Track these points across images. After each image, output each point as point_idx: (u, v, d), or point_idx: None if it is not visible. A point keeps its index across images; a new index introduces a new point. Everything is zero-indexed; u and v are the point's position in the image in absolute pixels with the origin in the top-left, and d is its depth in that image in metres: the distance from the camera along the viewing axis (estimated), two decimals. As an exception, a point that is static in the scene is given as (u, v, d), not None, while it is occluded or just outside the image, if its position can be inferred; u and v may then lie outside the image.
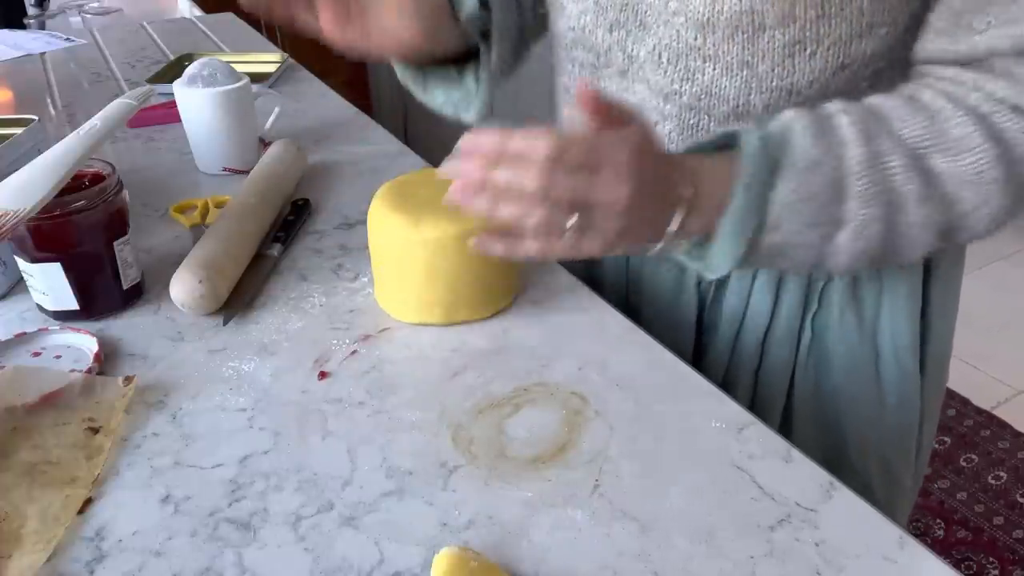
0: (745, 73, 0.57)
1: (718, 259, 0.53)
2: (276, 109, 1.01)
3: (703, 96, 0.59)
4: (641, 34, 0.60)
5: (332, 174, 0.90)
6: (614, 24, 0.61)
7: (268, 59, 1.30)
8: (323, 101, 1.15)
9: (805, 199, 0.51)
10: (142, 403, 0.55)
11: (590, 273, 0.76)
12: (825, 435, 0.72)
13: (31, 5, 1.74)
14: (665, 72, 0.59)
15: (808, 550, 0.43)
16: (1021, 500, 1.63)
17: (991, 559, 1.51)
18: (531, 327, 0.62)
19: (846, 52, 0.55)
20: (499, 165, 0.46)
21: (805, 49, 0.55)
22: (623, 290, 0.74)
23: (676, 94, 0.60)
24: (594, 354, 0.59)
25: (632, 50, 0.61)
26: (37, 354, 0.60)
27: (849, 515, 0.46)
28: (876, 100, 0.54)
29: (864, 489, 0.71)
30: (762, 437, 0.51)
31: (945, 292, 0.71)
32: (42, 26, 1.73)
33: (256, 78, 1.15)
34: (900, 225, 0.53)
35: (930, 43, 0.54)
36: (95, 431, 0.52)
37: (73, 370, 0.58)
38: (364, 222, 0.78)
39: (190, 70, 0.87)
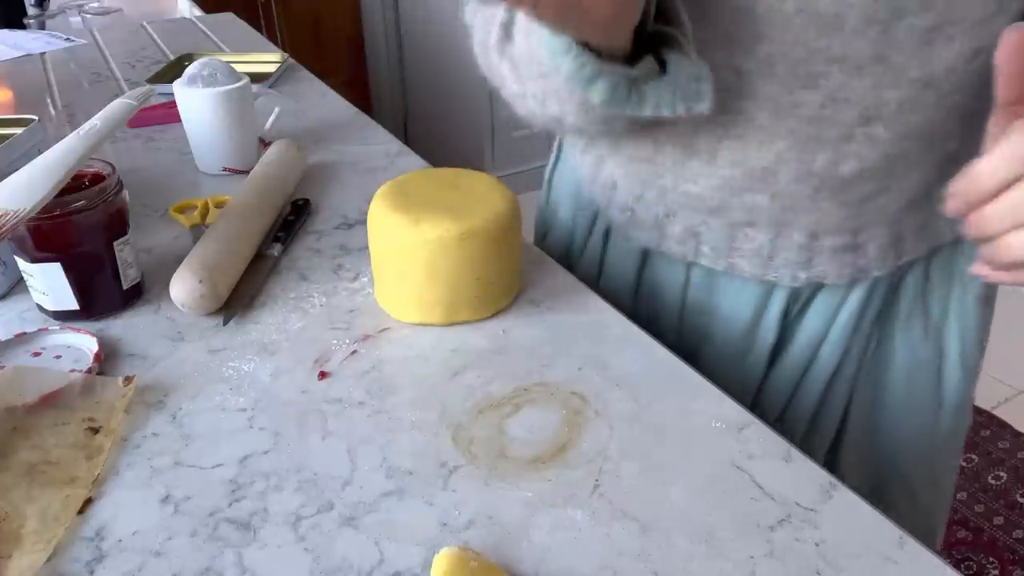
0: (878, 69, 0.50)
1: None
2: (276, 109, 1.01)
3: (826, 104, 0.52)
4: (752, 43, 0.51)
5: (332, 174, 0.90)
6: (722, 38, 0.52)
7: (268, 59, 1.30)
8: (323, 101, 1.15)
9: None
10: (142, 403, 0.55)
11: (647, 296, 0.71)
12: (877, 440, 0.70)
13: (31, 5, 1.74)
14: (782, 83, 0.52)
15: (808, 550, 0.43)
16: (1021, 500, 1.63)
17: (991, 559, 1.51)
18: (531, 327, 0.62)
19: (981, 34, 0.49)
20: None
21: (943, 33, 0.49)
22: (679, 312, 0.70)
23: (793, 107, 0.53)
24: (594, 354, 0.59)
25: (738, 62, 0.53)
26: (37, 354, 0.60)
27: (849, 515, 0.46)
28: None
29: (909, 495, 0.70)
30: (762, 437, 0.51)
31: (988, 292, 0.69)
32: (42, 26, 1.72)
33: (256, 78, 1.15)
34: None
35: None
36: (95, 431, 0.52)
37: (73, 370, 0.58)
38: (364, 222, 0.78)
39: (190, 70, 0.87)
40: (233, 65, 0.89)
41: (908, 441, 0.70)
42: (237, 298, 0.65)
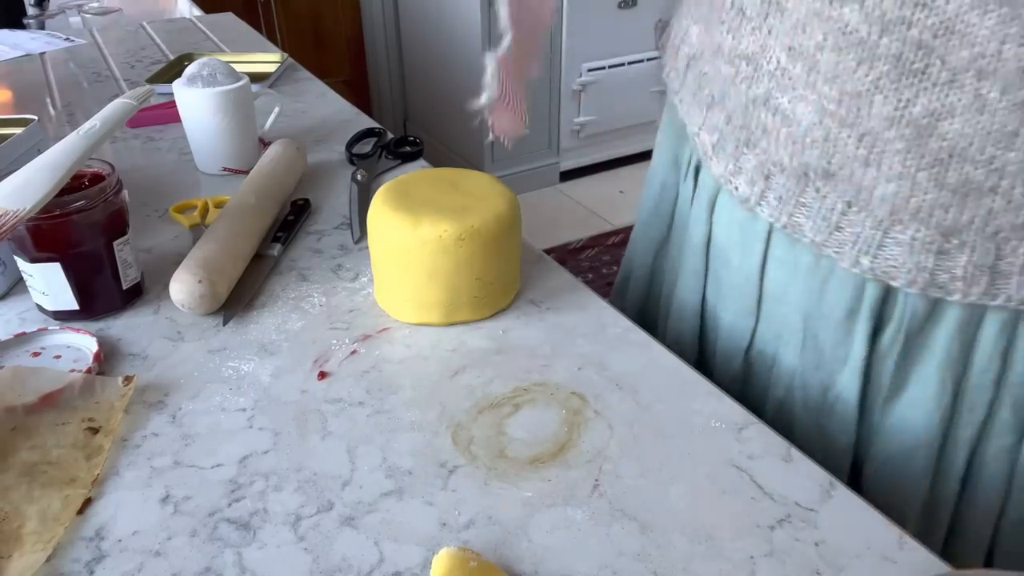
0: (1005, 10, 0.42)
1: None
2: (276, 109, 1.01)
3: (941, 30, 0.44)
4: None
5: (332, 174, 0.90)
6: None
7: (268, 59, 1.30)
8: (323, 101, 1.15)
9: None
10: (142, 403, 0.55)
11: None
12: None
13: (31, 5, 1.73)
14: None
15: (808, 550, 0.43)
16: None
17: (991, 559, 1.50)
18: (531, 327, 0.62)
19: None
20: None
21: None
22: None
23: (903, 23, 0.45)
24: (594, 354, 0.59)
25: None
26: (37, 354, 0.60)
27: (849, 515, 0.46)
28: None
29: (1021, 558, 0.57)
30: (762, 437, 0.51)
31: None
32: (42, 26, 1.72)
33: (256, 78, 1.15)
34: None
35: None
36: (95, 431, 0.52)
37: (73, 370, 0.58)
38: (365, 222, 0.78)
39: (190, 70, 0.87)
40: (233, 65, 0.89)
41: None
42: (237, 298, 0.65)
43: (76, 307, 0.63)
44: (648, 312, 0.77)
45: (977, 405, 0.54)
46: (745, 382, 0.66)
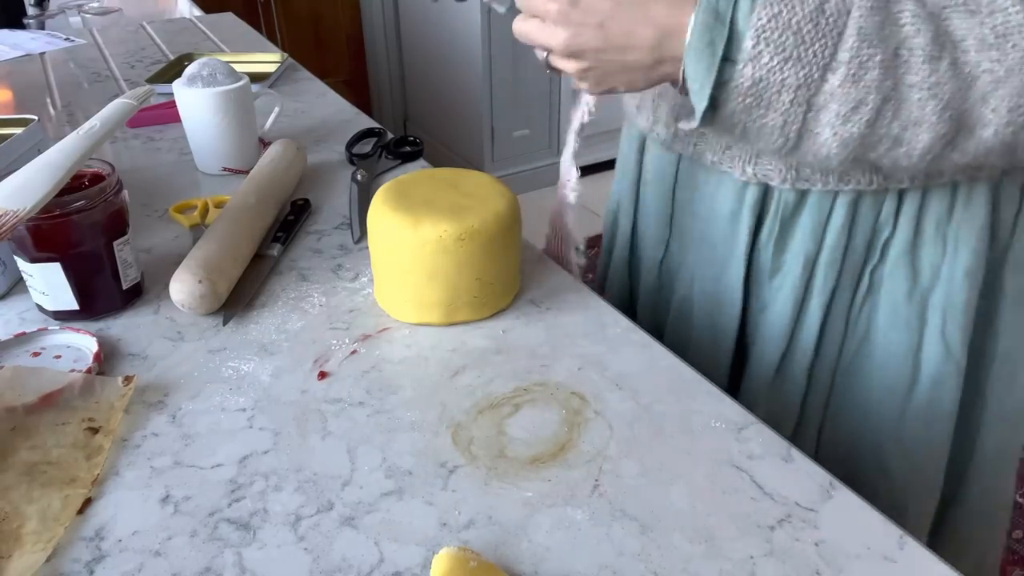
0: None
1: (693, 89, 0.50)
2: (276, 109, 1.01)
3: None
4: None
5: (332, 174, 0.90)
6: None
7: (268, 59, 1.30)
8: (323, 101, 1.15)
9: (784, 28, 0.47)
10: (142, 403, 0.55)
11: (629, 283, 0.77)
12: (852, 399, 0.70)
13: (31, 5, 1.73)
14: None
15: (808, 550, 0.43)
16: (1021, 500, 1.63)
17: (991, 559, 1.51)
18: (531, 327, 0.62)
19: None
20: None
21: None
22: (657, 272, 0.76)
23: None
24: (594, 354, 0.59)
25: None
26: (37, 354, 0.60)
27: (849, 515, 0.46)
28: None
29: (879, 465, 0.70)
30: (762, 437, 0.51)
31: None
32: (42, 26, 1.72)
33: (256, 78, 1.15)
34: (903, 84, 0.47)
35: None
36: (95, 431, 0.52)
37: (73, 370, 0.58)
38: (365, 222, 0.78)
39: (190, 70, 0.87)
40: (233, 65, 0.89)
41: (879, 405, 0.69)
42: (237, 298, 0.65)
43: (76, 307, 0.63)
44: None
45: (826, 282, 0.66)
46: (658, 291, 0.79)
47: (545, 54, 0.56)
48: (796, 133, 0.50)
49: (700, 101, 0.50)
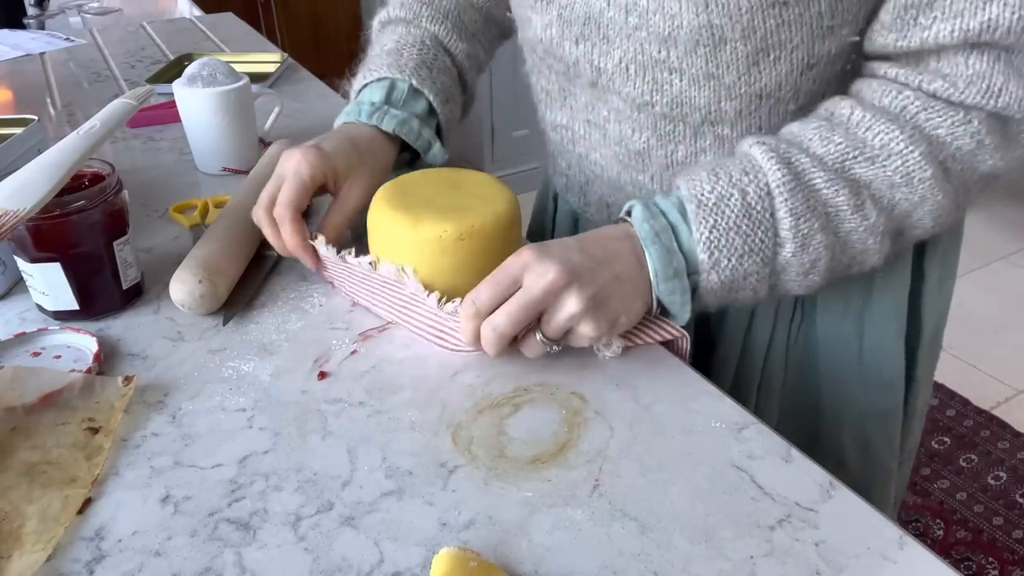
0: (712, 83, 0.57)
1: (674, 308, 0.56)
2: (276, 109, 1.01)
3: (675, 106, 0.60)
4: (606, 47, 0.60)
5: (332, 174, 0.90)
6: (579, 37, 0.61)
7: (268, 59, 1.30)
8: (323, 101, 1.15)
9: (725, 231, 0.53)
10: (142, 403, 0.55)
11: None
12: (798, 410, 0.74)
13: (31, 5, 1.74)
14: (635, 84, 0.60)
15: (808, 550, 0.43)
16: (1021, 500, 1.63)
17: (991, 559, 1.51)
18: (531, 327, 0.62)
19: (810, 54, 0.56)
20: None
21: (768, 56, 0.55)
22: None
23: (648, 105, 0.61)
24: (594, 354, 0.59)
25: (599, 63, 0.61)
26: (37, 354, 0.60)
27: (849, 515, 0.46)
28: (793, 127, 0.56)
29: (837, 460, 0.75)
30: (762, 437, 0.51)
31: (942, 268, 0.72)
32: (42, 26, 1.73)
33: (256, 78, 1.15)
34: (843, 233, 0.55)
35: (879, 37, 0.55)
36: (95, 431, 0.52)
37: (73, 370, 0.58)
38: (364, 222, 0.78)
39: (190, 70, 0.87)
40: (233, 65, 0.89)
41: (834, 411, 0.73)
42: (237, 298, 0.65)
43: (76, 307, 0.63)
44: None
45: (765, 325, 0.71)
46: None
47: (549, 348, 0.55)
48: (767, 295, 0.57)
49: (683, 315, 0.56)
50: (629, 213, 0.57)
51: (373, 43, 0.80)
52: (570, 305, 0.52)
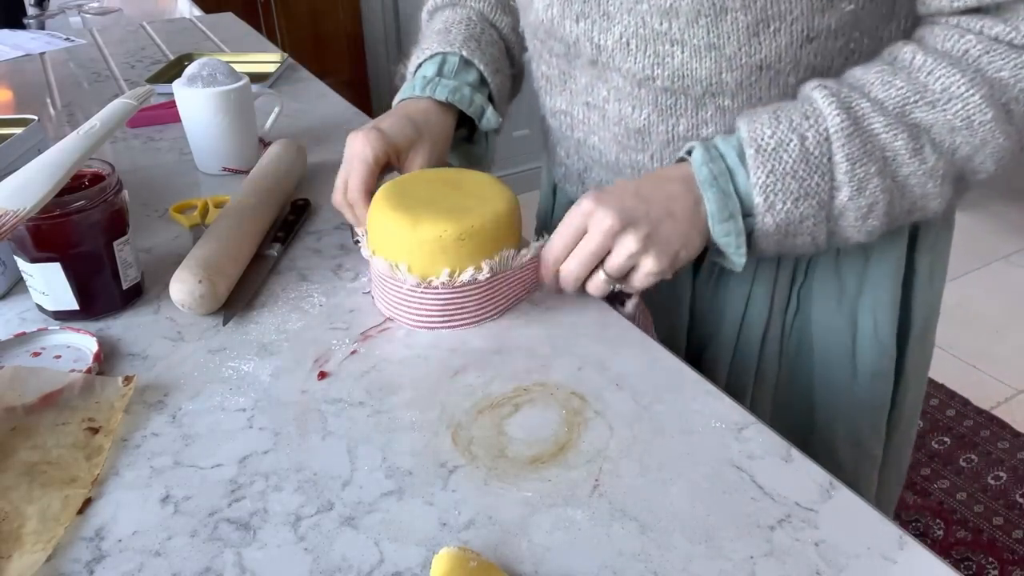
0: (714, 54, 0.58)
1: (729, 252, 0.58)
2: (276, 109, 1.01)
3: (676, 79, 0.60)
4: (607, 23, 0.61)
5: (332, 174, 0.90)
6: (580, 15, 0.62)
7: (268, 59, 1.30)
8: (323, 101, 1.15)
9: (782, 176, 0.55)
10: (142, 403, 0.55)
11: None
12: (792, 399, 0.75)
13: (31, 5, 1.74)
14: (636, 59, 0.61)
15: (808, 550, 0.43)
16: (1021, 500, 1.63)
17: (991, 559, 1.51)
18: (531, 327, 0.62)
19: (810, 26, 0.56)
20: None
21: (768, 27, 0.56)
22: None
23: (649, 79, 0.61)
24: (594, 354, 0.59)
25: (600, 39, 0.62)
26: (37, 354, 0.60)
27: (849, 515, 0.46)
28: (856, 71, 0.57)
29: (829, 452, 0.76)
30: (762, 437, 0.51)
31: (933, 259, 0.73)
32: (42, 26, 1.73)
33: (256, 78, 1.15)
34: (901, 177, 0.56)
35: (934, 1, 0.56)
36: (95, 431, 0.52)
37: (73, 370, 0.58)
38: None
39: (190, 70, 0.87)
40: (233, 65, 0.89)
41: (826, 401, 0.74)
42: (237, 298, 0.65)
43: (76, 307, 0.63)
44: None
45: (761, 312, 0.71)
46: None
47: (613, 286, 0.59)
48: (825, 241, 0.59)
49: (739, 259, 0.58)
50: (689, 153, 0.58)
51: (423, 29, 0.82)
52: (628, 245, 0.56)
